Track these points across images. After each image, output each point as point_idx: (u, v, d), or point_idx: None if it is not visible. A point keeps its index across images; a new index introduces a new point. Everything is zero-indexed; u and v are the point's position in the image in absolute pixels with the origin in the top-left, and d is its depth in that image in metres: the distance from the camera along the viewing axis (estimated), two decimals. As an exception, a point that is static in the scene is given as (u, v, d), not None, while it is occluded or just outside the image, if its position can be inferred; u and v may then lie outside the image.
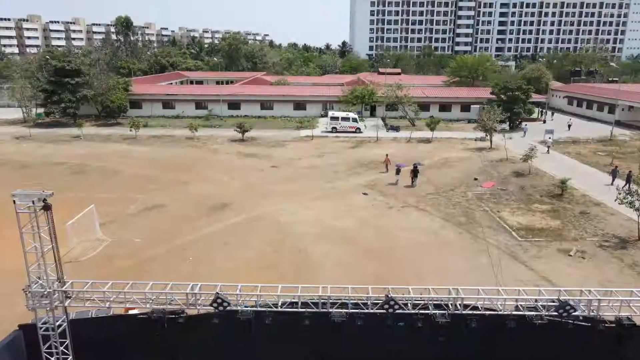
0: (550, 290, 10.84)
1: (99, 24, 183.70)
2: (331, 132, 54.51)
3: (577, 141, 50.82)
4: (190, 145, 48.71)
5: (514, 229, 26.24)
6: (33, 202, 9.23)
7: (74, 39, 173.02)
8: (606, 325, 10.27)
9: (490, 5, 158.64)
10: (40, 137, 51.69)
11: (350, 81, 76.17)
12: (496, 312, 10.11)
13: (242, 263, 22.19)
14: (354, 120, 55.00)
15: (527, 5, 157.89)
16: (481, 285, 12.66)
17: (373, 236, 25.59)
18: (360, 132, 54.52)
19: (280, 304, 9.88)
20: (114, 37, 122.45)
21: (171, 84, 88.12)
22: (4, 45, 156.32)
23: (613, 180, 33.93)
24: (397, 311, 9.37)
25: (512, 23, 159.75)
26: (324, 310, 9.84)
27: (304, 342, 10.89)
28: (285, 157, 43.95)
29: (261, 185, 34.90)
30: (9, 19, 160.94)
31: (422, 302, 9.88)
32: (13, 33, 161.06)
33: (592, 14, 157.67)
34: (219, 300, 9.38)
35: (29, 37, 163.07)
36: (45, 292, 9.72)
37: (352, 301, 10.07)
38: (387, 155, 39.73)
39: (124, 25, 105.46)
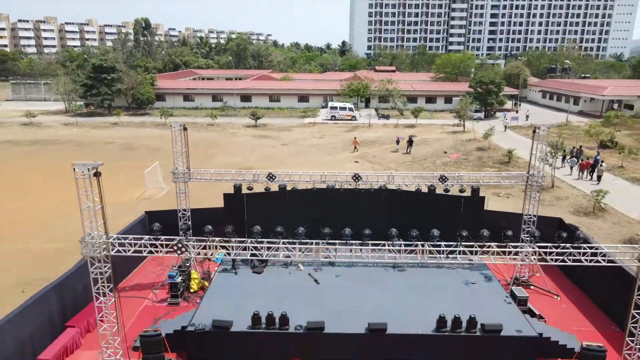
0: (440, 173, 20.06)
1: (111, 25, 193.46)
2: (330, 119, 63.89)
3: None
4: (212, 130, 58.03)
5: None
6: (179, 125, 18.55)
7: (87, 39, 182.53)
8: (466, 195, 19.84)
9: (482, 7, 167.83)
10: (85, 124, 61.12)
11: (348, 77, 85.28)
12: (412, 188, 19.56)
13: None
14: (350, 109, 64.35)
15: (517, 7, 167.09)
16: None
17: (360, 187, 34.88)
18: (355, 119, 63.86)
19: (300, 181, 19.25)
20: (127, 37, 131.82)
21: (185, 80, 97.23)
22: (23, 46, 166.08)
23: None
24: (360, 181, 18.61)
25: (503, 24, 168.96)
26: (327, 186, 19.28)
27: (313, 201, 20.17)
28: (292, 138, 53.29)
29: (275, 156, 44.22)
30: (27, 21, 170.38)
31: (374, 180, 19.19)
32: (32, 34, 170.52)
33: (578, 15, 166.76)
34: (270, 175, 18.59)
35: (46, 38, 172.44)
36: (182, 172, 19.02)
37: (338, 180, 19.41)
38: (355, 138, 49.22)
39: (143, 26, 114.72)
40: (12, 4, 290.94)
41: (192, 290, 19.36)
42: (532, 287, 19.78)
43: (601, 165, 32.51)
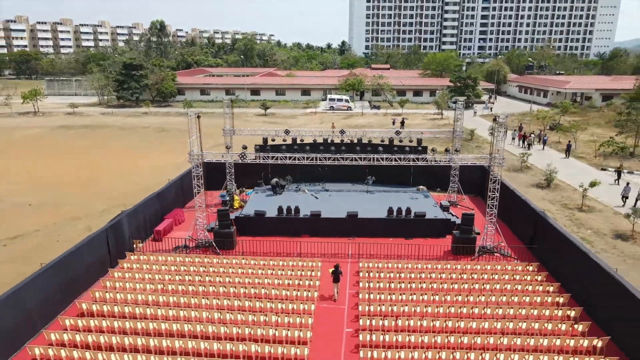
0: (396, 130, 30.30)
1: (122, 27, 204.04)
2: (329, 109, 74.28)
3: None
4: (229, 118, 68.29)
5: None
6: (228, 98, 28.79)
7: (100, 40, 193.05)
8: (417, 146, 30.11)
9: (473, 9, 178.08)
10: (119, 113, 71.56)
11: (346, 74, 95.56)
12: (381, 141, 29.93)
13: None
14: (346, 101, 74.80)
15: (506, 9, 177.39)
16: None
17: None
18: (351, 109, 74.24)
19: (305, 135, 29.62)
20: (143, 37, 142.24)
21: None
22: (42, 46, 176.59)
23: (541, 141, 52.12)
24: (344, 135, 29.03)
25: (493, 24, 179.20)
26: (323, 139, 29.61)
27: (314, 148, 30.45)
28: (297, 123, 63.57)
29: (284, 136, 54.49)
30: (45, 23, 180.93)
31: (354, 135, 29.64)
32: (49, 35, 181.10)
33: (564, 16, 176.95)
34: (286, 130, 28.95)
35: (62, 39, 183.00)
36: (228, 129, 29.31)
37: (330, 134, 29.84)
38: (333, 123, 59.34)
39: (158, 28, 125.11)
40: (28, 6, 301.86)
41: (234, 207, 29.67)
42: (457, 205, 30.05)
43: (530, 136, 42.82)
